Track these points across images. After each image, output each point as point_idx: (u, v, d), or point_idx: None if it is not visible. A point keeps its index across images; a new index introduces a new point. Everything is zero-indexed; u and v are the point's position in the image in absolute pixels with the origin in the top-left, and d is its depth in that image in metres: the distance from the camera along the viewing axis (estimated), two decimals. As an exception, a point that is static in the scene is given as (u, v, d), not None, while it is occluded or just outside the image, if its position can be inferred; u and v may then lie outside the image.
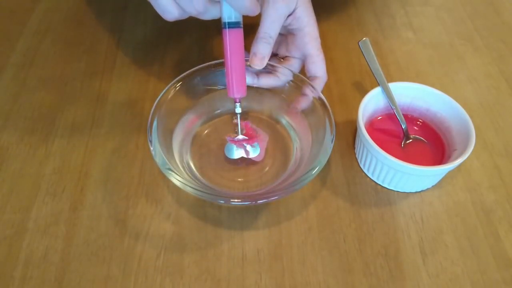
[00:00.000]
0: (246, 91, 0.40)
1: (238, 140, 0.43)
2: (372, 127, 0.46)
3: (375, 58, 0.46)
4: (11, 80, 0.53)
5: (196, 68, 0.44)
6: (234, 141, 0.43)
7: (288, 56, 0.46)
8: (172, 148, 0.42)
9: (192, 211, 0.41)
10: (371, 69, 0.46)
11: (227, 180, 0.43)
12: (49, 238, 0.39)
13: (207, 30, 0.58)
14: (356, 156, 0.45)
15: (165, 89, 0.42)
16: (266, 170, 0.43)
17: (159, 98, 0.41)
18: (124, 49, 0.57)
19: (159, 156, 0.38)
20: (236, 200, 0.36)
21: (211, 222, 0.40)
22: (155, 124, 0.40)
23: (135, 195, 0.42)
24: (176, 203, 0.41)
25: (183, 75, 0.43)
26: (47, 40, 0.58)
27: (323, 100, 0.42)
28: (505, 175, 0.44)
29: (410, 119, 0.46)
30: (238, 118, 0.42)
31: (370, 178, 0.44)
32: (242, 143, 0.43)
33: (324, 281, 0.37)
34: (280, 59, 0.47)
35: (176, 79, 0.43)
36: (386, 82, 0.45)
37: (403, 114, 0.45)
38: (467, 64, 0.56)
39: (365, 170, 0.44)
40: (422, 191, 0.43)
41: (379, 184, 0.43)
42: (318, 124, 0.41)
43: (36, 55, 0.56)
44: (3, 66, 0.54)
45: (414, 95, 0.45)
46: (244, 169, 0.44)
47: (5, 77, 0.53)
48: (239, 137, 0.43)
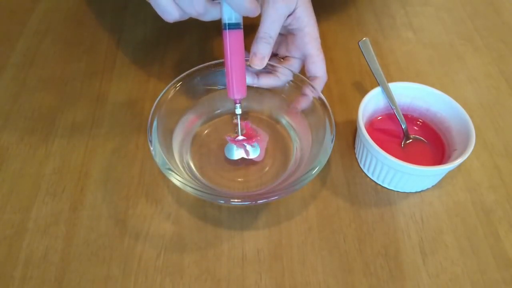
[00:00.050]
0: (246, 91, 0.40)
1: (238, 140, 0.43)
2: (372, 127, 0.46)
3: (375, 58, 0.46)
4: (11, 80, 0.53)
5: (196, 68, 0.44)
6: (234, 140, 0.43)
7: (288, 56, 0.46)
8: (172, 148, 0.42)
9: (192, 211, 0.41)
10: (371, 69, 0.46)
11: (227, 180, 0.43)
12: (49, 238, 0.39)
13: (207, 30, 0.58)
14: (356, 156, 0.45)
15: (165, 89, 0.42)
16: (266, 170, 0.43)
17: (159, 98, 0.41)
18: (124, 49, 0.57)
19: (159, 156, 0.38)
20: (236, 200, 0.36)
21: (211, 222, 0.40)
22: (155, 124, 0.40)
23: (135, 195, 0.42)
24: (176, 203, 0.41)
25: (183, 75, 0.43)
26: (47, 40, 0.58)
27: (323, 100, 0.42)
28: (505, 175, 0.44)
29: (410, 119, 0.46)
30: (238, 119, 0.42)
31: (370, 178, 0.44)
32: (242, 143, 0.43)
33: (324, 281, 0.37)
34: (280, 59, 0.47)
35: (176, 79, 0.43)
36: (386, 82, 0.45)
37: (403, 114, 0.45)
38: (467, 64, 0.56)
39: (365, 170, 0.44)
40: (422, 191, 0.43)
41: (379, 184, 0.43)
42: (318, 124, 0.41)
43: (36, 55, 0.56)
44: (3, 66, 0.54)
45: (414, 95, 0.45)
46: (244, 169, 0.44)
47: (5, 77, 0.53)
48: (239, 137, 0.43)
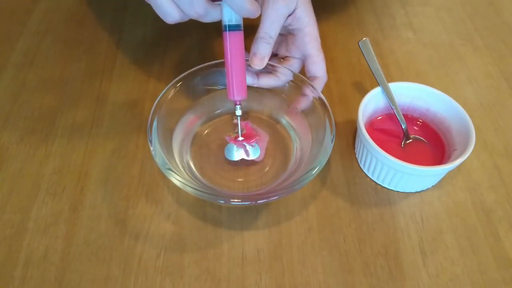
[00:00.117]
0: (247, 93, 0.40)
1: (238, 140, 0.43)
2: (372, 127, 0.46)
3: (375, 58, 0.46)
4: (11, 80, 0.53)
5: (196, 68, 0.44)
6: (234, 140, 0.43)
7: (288, 56, 0.46)
8: (172, 148, 0.42)
9: (192, 211, 0.41)
10: (371, 69, 0.46)
11: (227, 180, 0.43)
12: (49, 238, 0.39)
13: (207, 30, 0.58)
14: (356, 156, 0.45)
15: (165, 89, 0.42)
16: (266, 170, 0.43)
17: (159, 98, 0.41)
18: (124, 49, 0.57)
19: (159, 156, 0.38)
20: (236, 200, 0.36)
21: (211, 222, 0.40)
22: (155, 124, 0.40)
23: (135, 195, 0.42)
24: (176, 203, 0.41)
25: (183, 75, 0.43)
26: (47, 40, 0.58)
27: (323, 100, 0.42)
28: (505, 175, 0.44)
29: (410, 119, 0.46)
30: (238, 120, 0.42)
31: (370, 178, 0.44)
32: (242, 143, 0.43)
33: (324, 281, 0.37)
34: (280, 59, 0.47)
35: (176, 79, 0.43)
36: (386, 82, 0.45)
37: (403, 114, 0.45)
38: (467, 64, 0.56)
39: (365, 170, 0.44)
40: (422, 191, 0.43)
41: (379, 184, 0.43)
42: (318, 124, 0.41)
43: (36, 55, 0.56)
44: (3, 66, 0.54)
45: (414, 95, 0.45)
46: (244, 169, 0.44)
47: (5, 77, 0.53)
48: (239, 139, 0.43)
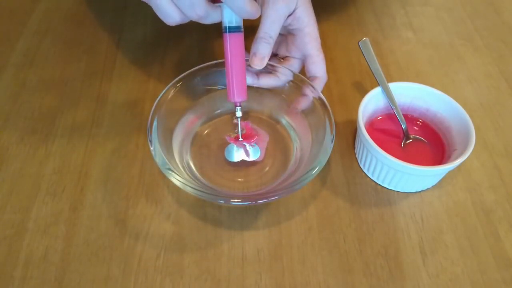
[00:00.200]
0: (247, 95, 0.40)
1: (238, 140, 0.43)
2: (372, 127, 0.46)
3: (375, 58, 0.46)
4: (11, 80, 0.53)
5: (196, 68, 0.44)
6: (234, 140, 0.43)
7: (288, 56, 0.46)
8: (172, 148, 0.41)
9: (192, 211, 0.41)
10: (371, 69, 0.46)
11: (227, 180, 0.43)
12: (49, 238, 0.39)
13: (207, 30, 0.58)
14: (356, 156, 0.45)
15: (165, 89, 0.42)
16: (266, 170, 0.43)
17: (159, 98, 0.41)
18: (124, 49, 0.57)
19: (159, 156, 0.38)
20: (236, 200, 0.36)
21: (211, 222, 0.40)
22: (155, 124, 0.40)
23: (135, 195, 0.42)
24: (176, 203, 0.41)
25: (183, 75, 0.43)
26: (47, 40, 0.58)
27: (323, 100, 0.42)
28: (505, 175, 0.44)
29: (410, 119, 0.46)
30: (239, 121, 0.42)
31: (370, 178, 0.44)
32: (242, 143, 0.43)
33: (324, 281, 0.37)
34: (280, 59, 0.47)
35: (176, 79, 0.43)
36: (386, 82, 0.45)
37: (403, 114, 0.45)
38: (467, 64, 0.56)
39: (365, 170, 0.44)
40: (422, 191, 0.43)
41: (379, 184, 0.43)
42: (318, 124, 0.41)
43: (36, 55, 0.56)
44: (3, 66, 0.54)
45: (414, 95, 0.45)
46: (244, 169, 0.44)
47: (5, 77, 0.53)
48: (239, 139, 0.43)
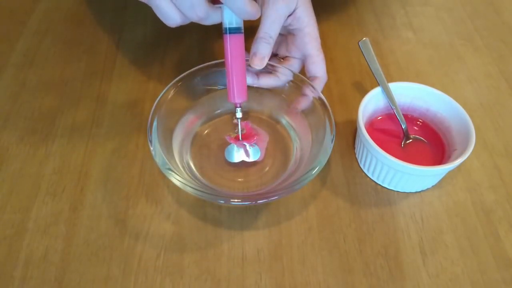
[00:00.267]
0: (247, 96, 0.40)
1: (238, 140, 0.43)
2: (372, 127, 0.46)
3: (375, 58, 0.46)
4: (11, 80, 0.53)
5: (196, 68, 0.44)
6: (234, 140, 0.43)
7: (288, 56, 0.46)
8: (172, 148, 0.42)
9: (192, 211, 0.41)
10: (371, 69, 0.46)
11: (227, 180, 0.43)
12: (49, 238, 0.39)
13: (207, 30, 0.58)
14: (356, 156, 0.45)
15: (165, 89, 0.42)
16: (266, 170, 0.43)
17: (159, 98, 0.41)
18: (124, 49, 0.57)
19: (159, 156, 0.38)
20: (236, 200, 0.36)
21: (211, 222, 0.40)
22: (155, 124, 0.40)
23: (135, 195, 0.42)
24: (176, 203, 0.41)
25: (183, 75, 0.43)
26: (47, 40, 0.58)
27: (323, 100, 0.42)
28: (505, 175, 0.44)
29: (410, 119, 0.46)
30: (239, 122, 0.42)
31: (370, 178, 0.44)
32: (242, 143, 0.43)
33: (324, 281, 0.37)
34: (280, 59, 0.47)
35: (176, 79, 0.43)
36: (386, 82, 0.45)
37: (403, 114, 0.45)
38: (467, 64, 0.56)
39: (365, 170, 0.44)
40: (422, 191, 0.43)
41: (379, 184, 0.43)
42: (318, 124, 0.41)
43: (36, 55, 0.56)
44: (3, 66, 0.54)
45: (414, 95, 0.45)
46: (244, 169, 0.44)
47: (5, 77, 0.53)
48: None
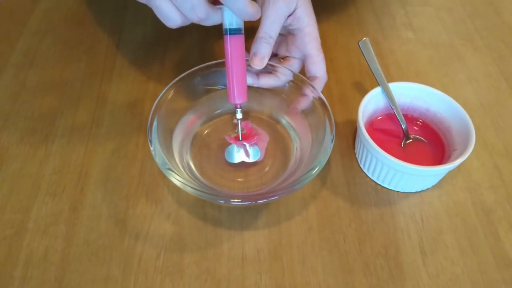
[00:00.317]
0: (248, 96, 0.40)
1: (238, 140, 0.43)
2: (372, 127, 0.46)
3: (375, 58, 0.46)
4: (11, 80, 0.53)
5: (196, 68, 0.44)
6: (234, 140, 0.43)
7: (288, 56, 0.46)
8: (172, 148, 0.42)
9: (192, 211, 0.41)
10: (371, 69, 0.46)
11: (227, 180, 0.43)
12: (49, 238, 0.39)
13: (207, 30, 0.58)
14: (356, 156, 0.45)
15: (165, 89, 0.42)
16: (266, 170, 0.43)
17: (159, 98, 0.41)
18: (124, 49, 0.57)
19: (159, 156, 0.38)
20: (236, 200, 0.36)
21: (211, 222, 0.40)
22: (155, 124, 0.40)
23: (135, 195, 0.42)
24: (176, 203, 0.41)
25: (183, 75, 0.43)
26: (47, 40, 0.58)
27: (323, 100, 0.42)
28: (505, 175, 0.44)
29: (410, 119, 0.46)
30: (239, 123, 0.42)
31: (370, 178, 0.44)
32: (243, 143, 0.43)
33: (324, 281, 0.37)
34: (280, 59, 0.47)
35: (176, 79, 0.43)
36: (386, 82, 0.45)
37: (403, 114, 0.45)
38: (467, 64, 0.56)
39: (365, 170, 0.44)
40: (422, 191, 0.43)
41: (379, 184, 0.43)
42: (318, 124, 0.41)
43: (36, 55, 0.56)
44: (3, 66, 0.54)
45: (414, 95, 0.45)
46: (244, 169, 0.44)
47: (5, 77, 0.53)
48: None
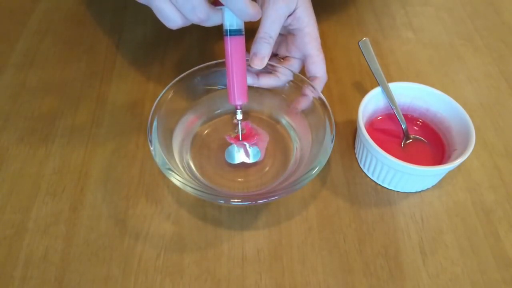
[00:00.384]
0: (248, 97, 0.40)
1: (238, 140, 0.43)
2: (372, 127, 0.46)
3: (375, 58, 0.46)
4: (11, 80, 0.53)
5: (196, 68, 0.44)
6: (234, 139, 0.43)
7: (288, 56, 0.46)
8: (172, 148, 0.42)
9: (192, 211, 0.41)
10: (371, 69, 0.46)
11: (227, 180, 0.43)
12: (49, 238, 0.39)
13: (207, 31, 0.58)
14: (356, 156, 0.45)
15: (165, 89, 0.42)
16: (266, 170, 0.43)
17: (159, 98, 0.41)
18: (124, 49, 0.57)
19: (159, 156, 0.38)
20: (236, 200, 0.36)
21: (211, 222, 0.40)
22: (155, 124, 0.40)
23: (135, 195, 0.42)
24: (176, 203, 0.41)
25: (183, 75, 0.43)
26: (47, 40, 0.58)
27: (323, 100, 0.42)
28: (505, 175, 0.44)
29: (410, 119, 0.46)
30: (239, 124, 0.42)
31: (370, 178, 0.44)
32: (243, 142, 0.43)
33: (324, 281, 0.37)
34: (280, 59, 0.47)
35: (176, 79, 0.43)
36: (386, 82, 0.45)
37: (403, 114, 0.45)
38: (467, 64, 0.56)
39: (365, 170, 0.44)
40: (422, 191, 0.43)
41: (379, 184, 0.43)
42: (318, 124, 0.41)
43: (36, 55, 0.56)
44: (3, 66, 0.54)
45: (414, 95, 0.45)
46: (244, 169, 0.44)
47: (5, 77, 0.53)
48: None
